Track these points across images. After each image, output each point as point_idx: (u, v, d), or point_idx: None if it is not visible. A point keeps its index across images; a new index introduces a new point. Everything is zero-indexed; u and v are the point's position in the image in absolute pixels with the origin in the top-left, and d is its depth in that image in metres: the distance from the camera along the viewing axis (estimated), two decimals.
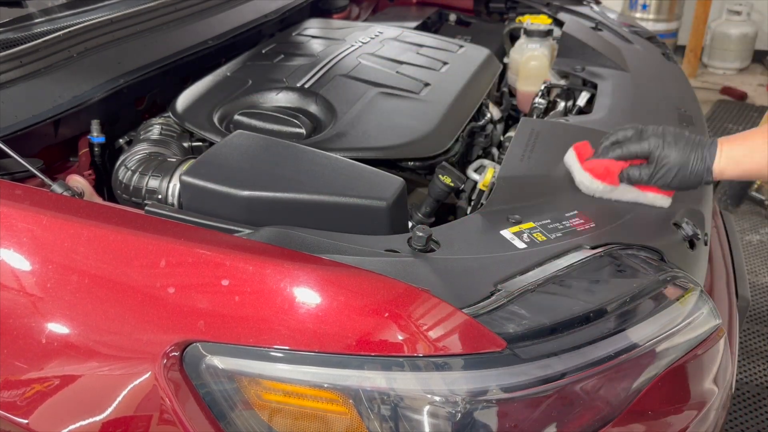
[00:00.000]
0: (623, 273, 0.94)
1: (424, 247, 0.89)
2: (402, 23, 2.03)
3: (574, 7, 2.05)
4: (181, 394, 0.79)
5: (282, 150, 1.08)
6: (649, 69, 1.73)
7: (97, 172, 1.30)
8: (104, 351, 0.82)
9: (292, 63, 1.56)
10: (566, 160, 1.14)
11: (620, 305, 0.89)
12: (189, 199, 1.01)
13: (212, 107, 1.35)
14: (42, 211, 0.88)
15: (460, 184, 1.19)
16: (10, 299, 0.85)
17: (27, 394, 0.84)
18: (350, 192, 0.98)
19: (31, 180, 1.09)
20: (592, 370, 0.83)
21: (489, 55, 1.74)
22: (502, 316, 0.82)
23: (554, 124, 1.36)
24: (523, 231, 0.97)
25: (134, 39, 1.44)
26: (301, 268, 0.79)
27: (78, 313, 0.83)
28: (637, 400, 0.86)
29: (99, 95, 1.27)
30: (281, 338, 0.77)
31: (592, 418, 0.84)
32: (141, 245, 0.83)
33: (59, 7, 1.52)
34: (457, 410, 0.77)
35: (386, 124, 1.33)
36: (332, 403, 0.77)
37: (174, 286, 0.81)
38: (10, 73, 1.18)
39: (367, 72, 1.54)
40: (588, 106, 1.54)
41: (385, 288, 0.78)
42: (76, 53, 1.31)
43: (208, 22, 1.63)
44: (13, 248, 0.87)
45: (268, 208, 0.97)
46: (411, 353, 0.76)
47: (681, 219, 1.10)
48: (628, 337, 0.87)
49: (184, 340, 0.79)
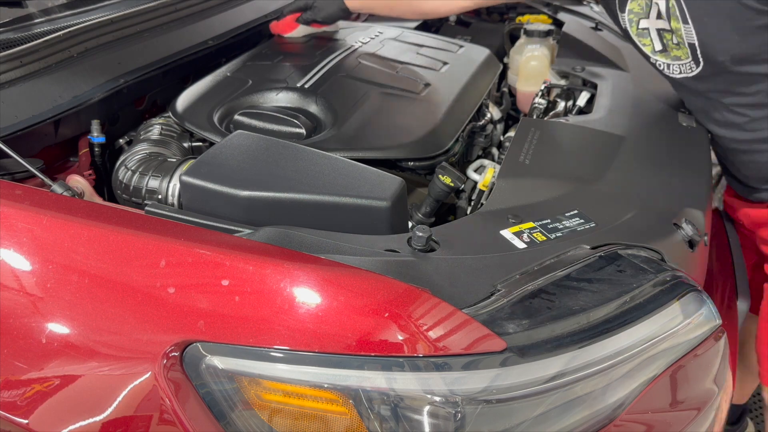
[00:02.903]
0: (623, 273, 0.94)
1: (424, 247, 0.89)
2: (402, 23, 2.03)
3: (574, 7, 2.05)
4: (181, 394, 0.79)
5: (282, 150, 1.08)
6: (649, 69, 1.72)
7: (97, 172, 1.30)
8: (104, 351, 0.82)
9: (292, 63, 1.56)
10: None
11: (620, 305, 0.89)
12: (189, 199, 1.01)
13: (212, 107, 1.35)
14: (42, 211, 0.88)
15: (460, 184, 1.19)
16: (10, 299, 0.85)
17: (27, 394, 0.84)
18: (350, 192, 0.98)
19: (31, 180, 1.09)
20: (592, 370, 0.83)
21: (489, 55, 1.74)
22: (502, 316, 0.82)
23: (554, 124, 1.36)
24: (523, 231, 0.97)
25: (134, 39, 1.44)
26: (301, 268, 0.79)
27: (78, 313, 0.83)
28: (637, 400, 0.86)
29: (99, 95, 1.27)
30: (281, 338, 0.77)
31: (592, 418, 0.84)
32: (141, 245, 0.83)
33: (59, 7, 1.52)
34: (457, 410, 0.77)
35: (386, 124, 1.33)
36: (332, 404, 0.77)
37: (174, 286, 0.81)
38: (10, 73, 1.18)
39: (367, 72, 1.54)
40: (588, 106, 1.54)
41: (385, 288, 0.78)
42: (76, 53, 1.31)
43: (208, 22, 1.63)
44: (13, 248, 0.87)
45: (268, 208, 0.97)
46: (411, 353, 0.76)
47: (681, 219, 1.10)
48: (628, 337, 0.87)
49: (184, 340, 0.79)
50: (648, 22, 1.33)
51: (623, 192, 1.14)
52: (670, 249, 1.04)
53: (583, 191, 1.12)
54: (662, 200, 1.16)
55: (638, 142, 1.31)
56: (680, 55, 1.30)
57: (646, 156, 1.27)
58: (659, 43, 1.34)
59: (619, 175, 1.18)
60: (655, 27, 1.33)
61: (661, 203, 1.14)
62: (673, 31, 1.28)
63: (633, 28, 1.38)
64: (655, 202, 1.14)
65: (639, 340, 0.87)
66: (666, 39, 1.32)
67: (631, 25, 1.37)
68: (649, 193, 1.16)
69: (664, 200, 1.16)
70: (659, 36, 1.33)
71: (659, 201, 1.15)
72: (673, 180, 1.22)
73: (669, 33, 1.30)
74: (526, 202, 1.06)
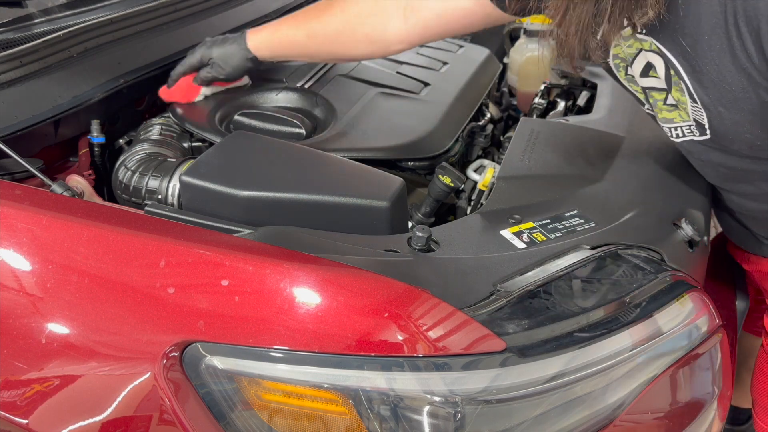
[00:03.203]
0: (623, 273, 0.94)
1: (424, 247, 0.89)
2: None
3: None
4: (180, 394, 0.79)
5: (282, 150, 1.08)
6: None
7: (97, 172, 1.30)
8: (104, 351, 0.82)
9: (292, 63, 1.56)
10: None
11: (620, 305, 0.89)
12: (189, 199, 1.01)
13: (212, 107, 1.35)
14: (42, 211, 0.88)
15: (460, 184, 1.19)
16: (10, 299, 0.85)
17: (27, 394, 0.84)
18: (350, 192, 0.98)
19: (31, 180, 1.09)
20: (592, 370, 0.83)
21: (489, 55, 1.74)
22: (502, 316, 0.82)
23: (554, 124, 1.36)
24: (523, 231, 0.97)
25: (134, 39, 1.44)
26: (301, 268, 0.79)
27: (78, 313, 0.83)
28: (636, 401, 0.86)
29: (99, 95, 1.27)
30: (281, 338, 0.77)
31: (592, 418, 0.84)
32: (141, 245, 0.83)
33: (59, 7, 1.52)
34: (456, 410, 0.77)
35: (386, 124, 1.33)
36: (332, 404, 0.77)
37: (174, 286, 0.81)
38: (10, 73, 1.18)
39: (367, 72, 1.54)
40: (588, 106, 1.54)
41: (384, 288, 0.78)
42: (76, 53, 1.31)
43: (208, 22, 1.62)
44: (13, 248, 0.87)
45: (268, 208, 0.97)
46: (411, 353, 0.76)
47: (681, 219, 1.10)
48: (627, 337, 0.87)
49: (183, 341, 0.79)
50: (633, 70, 1.05)
51: (623, 192, 1.14)
52: (670, 249, 1.04)
53: (583, 191, 1.12)
54: (662, 200, 1.15)
55: (638, 142, 1.30)
56: (674, 118, 1.03)
57: (646, 156, 1.27)
58: (647, 103, 1.09)
59: (619, 175, 1.18)
60: (645, 85, 1.04)
61: (661, 203, 1.14)
62: (676, 102, 1.00)
63: (621, 74, 1.10)
64: (655, 202, 1.14)
65: (639, 340, 0.87)
66: (654, 99, 1.05)
67: (618, 70, 1.09)
68: (649, 193, 1.16)
69: (664, 200, 1.16)
70: (646, 95, 1.07)
71: (659, 201, 1.15)
72: (673, 180, 1.22)
73: (661, 93, 1.02)
74: (526, 202, 1.06)
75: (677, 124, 1.03)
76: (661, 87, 1.01)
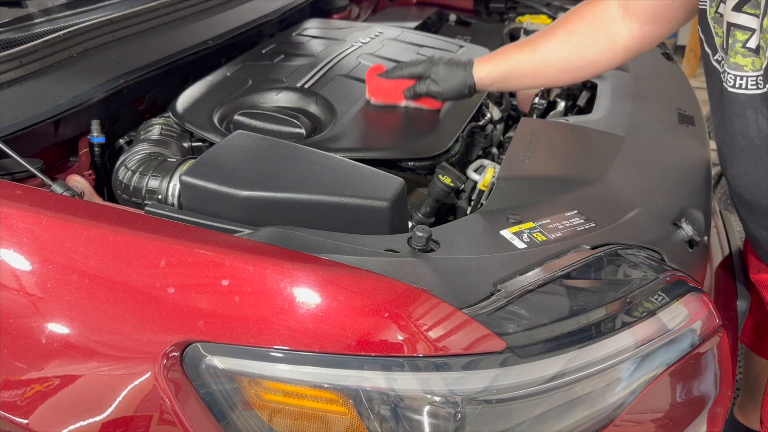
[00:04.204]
0: (623, 273, 0.94)
1: (424, 247, 0.89)
2: (402, 23, 2.03)
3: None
4: (181, 394, 0.79)
5: (282, 150, 1.08)
6: (649, 69, 1.73)
7: (97, 172, 1.30)
8: (104, 351, 0.82)
9: (292, 63, 1.56)
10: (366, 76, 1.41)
11: (620, 305, 0.89)
12: (189, 199, 1.01)
13: (212, 107, 1.35)
14: (42, 211, 0.88)
15: (460, 184, 1.19)
16: (10, 299, 0.85)
17: (27, 394, 0.84)
18: (350, 192, 0.98)
19: (31, 180, 1.09)
20: (592, 370, 0.83)
21: None
22: (502, 316, 0.82)
23: (554, 124, 1.36)
24: (523, 231, 0.97)
25: (134, 39, 1.44)
26: (301, 268, 0.79)
27: (78, 313, 0.83)
28: (637, 400, 0.86)
29: (99, 95, 1.27)
30: (281, 338, 0.77)
31: (592, 418, 0.84)
32: (141, 245, 0.83)
33: (59, 7, 1.52)
34: (457, 410, 0.77)
35: (386, 124, 1.33)
36: (332, 404, 0.77)
37: (174, 286, 0.81)
38: (10, 73, 1.18)
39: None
40: (588, 106, 1.54)
41: (385, 288, 0.78)
42: (76, 53, 1.31)
43: (208, 22, 1.63)
44: (13, 248, 0.87)
45: (268, 208, 0.97)
46: (411, 353, 0.76)
47: (681, 219, 1.10)
48: (628, 337, 0.87)
49: (184, 341, 0.79)
50: (726, 6, 1.00)
51: (623, 192, 1.14)
52: (670, 249, 1.04)
53: (583, 191, 1.12)
54: (662, 200, 1.16)
55: (638, 142, 1.31)
56: (746, 65, 0.98)
57: (646, 156, 1.27)
58: (720, 50, 1.04)
59: (619, 175, 1.18)
60: (733, 21, 0.99)
61: (661, 203, 1.14)
62: (756, 47, 0.96)
63: (712, 10, 1.04)
64: (655, 202, 1.14)
65: (639, 340, 0.87)
66: (734, 39, 0.99)
67: (711, 4, 1.04)
68: (649, 193, 1.16)
69: (664, 200, 1.16)
70: (726, 36, 1.01)
71: (659, 201, 1.15)
72: (673, 180, 1.22)
73: (746, 33, 0.97)
74: (526, 202, 1.06)
75: (746, 72, 1.00)
76: (749, 26, 0.97)
